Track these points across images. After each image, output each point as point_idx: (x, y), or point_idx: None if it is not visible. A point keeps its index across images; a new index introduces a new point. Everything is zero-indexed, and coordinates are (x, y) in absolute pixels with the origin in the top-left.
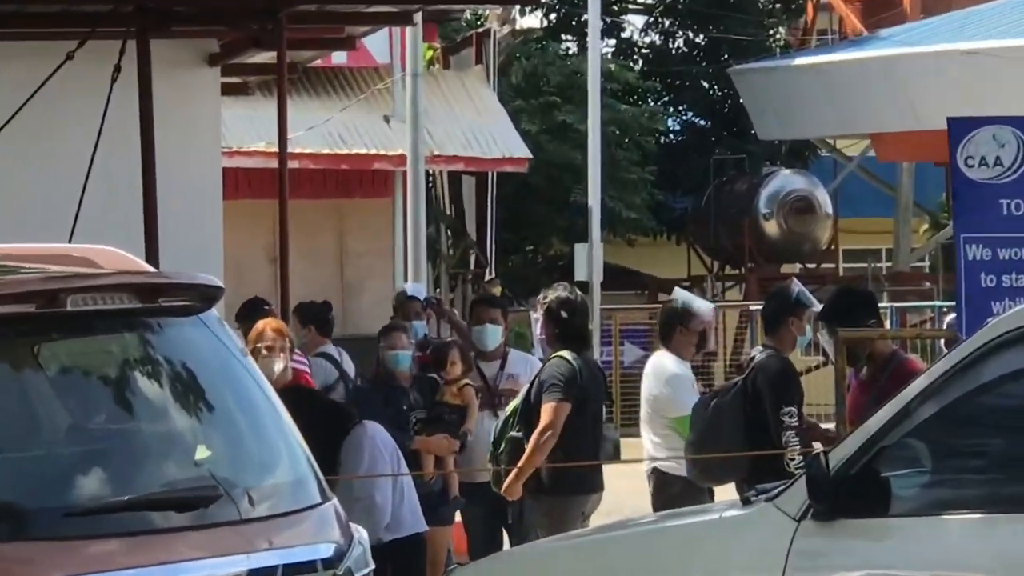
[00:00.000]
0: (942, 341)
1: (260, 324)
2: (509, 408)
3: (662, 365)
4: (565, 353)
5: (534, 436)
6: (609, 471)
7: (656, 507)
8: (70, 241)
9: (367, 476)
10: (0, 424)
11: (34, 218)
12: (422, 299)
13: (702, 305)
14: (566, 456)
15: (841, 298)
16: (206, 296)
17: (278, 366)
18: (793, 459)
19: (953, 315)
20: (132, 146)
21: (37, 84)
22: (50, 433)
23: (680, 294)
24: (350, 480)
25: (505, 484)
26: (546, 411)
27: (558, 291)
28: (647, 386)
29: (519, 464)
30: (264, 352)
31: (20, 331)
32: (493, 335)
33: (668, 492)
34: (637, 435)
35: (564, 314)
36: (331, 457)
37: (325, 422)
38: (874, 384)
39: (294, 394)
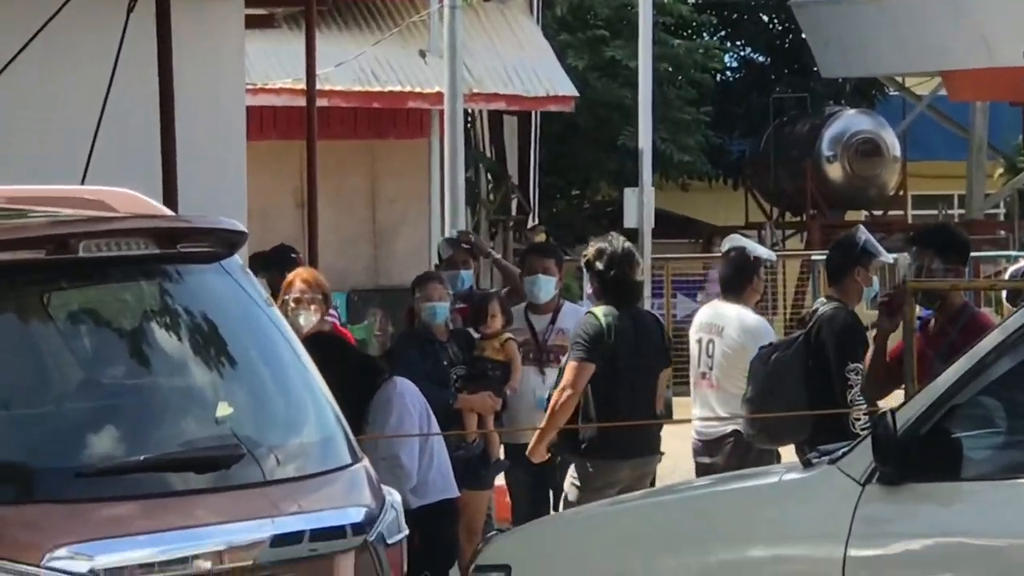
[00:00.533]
0: (1004, 293)
1: (290, 275)
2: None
3: (742, 315)
4: (597, 310)
5: (553, 396)
6: (665, 431)
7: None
8: (83, 183)
9: (395, 436)
10: (7, 378)
11: (44, 159)
12: (455, 236)
13: (764, 252)
14: (598, 418)
15: (941, 232)
16: (228, 242)
17: (308, 320)
18: (859, 419)
19: (1018, 264)
20: (149, 83)
21: (46, 17)
22: (60, 388)
23: (739, 241)
24: (375, 439)
25: (530, 446)
26: (567, 371)
27: (597, 242)
28: (729, 337)
29: (540, 425)
30: (292, 305)
31: (29, 279)
32: (546, 286)
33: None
34: (687, 394)
35: (600, 266)
36: (359, 413)
37: (354, 376)
38: (943, 338)
39: (323, 343)
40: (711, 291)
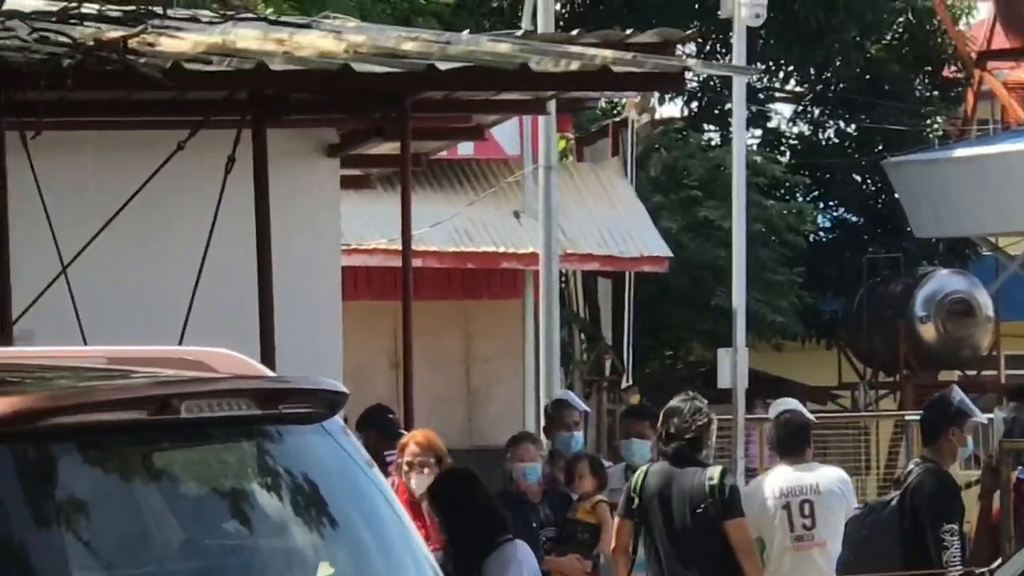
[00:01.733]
0: None
1: (405, 437)
2: None
3: (826, 471)
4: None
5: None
6: None
7: None
8: (181, 342)
9: None
10: (110, 539)
11: (144, 318)
12: (579, 409)
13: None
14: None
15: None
16: (329, 402)
17: (420, 484)
18: None
19: None
20: (247, 243)
21: (147, 175)
22: (163, 549)
23: (790, 403)
24: None
25: None
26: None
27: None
28: (829, 492)
29: None
30: (405, 468)
31: (131, 439)
32: (641, 450)
33: None
34: None
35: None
36: (473, 566)
37: (482, 523)
38: None
39: (460, 480)
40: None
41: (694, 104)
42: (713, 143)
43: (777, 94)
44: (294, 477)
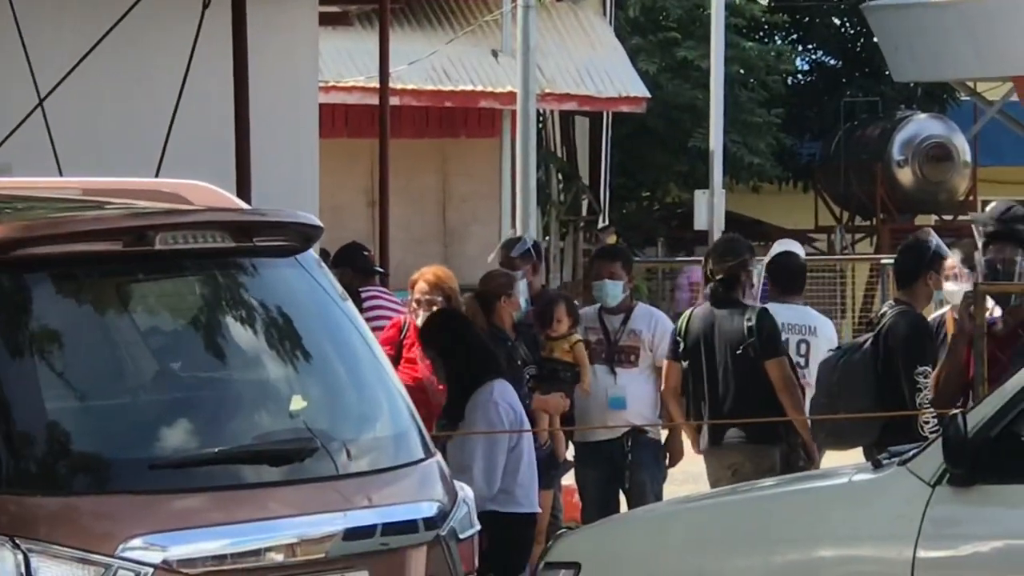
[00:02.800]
0: None
1: (416, 274)
2: None
3: (828, 324)
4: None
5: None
6: None
7: None
8: (157, 176)
9: (464, 433)
10: (83, 370)
11: (120, 152)
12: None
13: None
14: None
15: (1008, 234)
16: (304, 236)
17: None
18: (928, 422)
19: None
20: (224, 78)
21: (126, 8)
22: (136, 380)
23: (790, 244)
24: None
25: None
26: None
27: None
28: (826, 339)
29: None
30: (413, 305)
31: (105, 270)
32: (613, 291)
33: None
34: None
35: None
36: (461, 405)
37: (472, 366)
38: (1014, 341)
39: (454, 323)
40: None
41: None
42: None
43: None
44: (268, 310)
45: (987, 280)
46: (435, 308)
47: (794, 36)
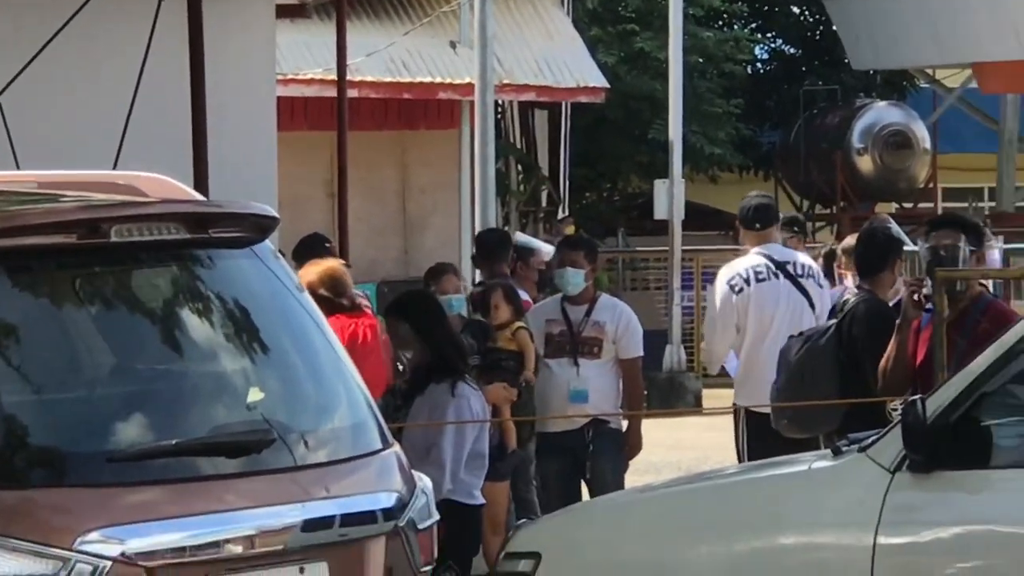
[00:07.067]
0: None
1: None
2: None
3: None
4: None
5: None
6: (693, 423)
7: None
8: (114, 169)
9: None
10: (39, 363)
11: (77, 146)
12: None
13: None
14: None
15: (950, 221)
16: (260, 227)
17: None
18: (895, 409)
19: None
20: (180, 72)
21: (79, 4)
22: (92, 372)
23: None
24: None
25: None
26: None
27: None
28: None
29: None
30: None
31: (60, 263)
32: (575, 279)
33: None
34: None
35: None
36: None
37: (445, 353)
38: (961, 327)
39: (433, 305)
40: None
41: None
42: None
43: None
44: (224, 301)
45: (931, 266)
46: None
47: (753, 25)
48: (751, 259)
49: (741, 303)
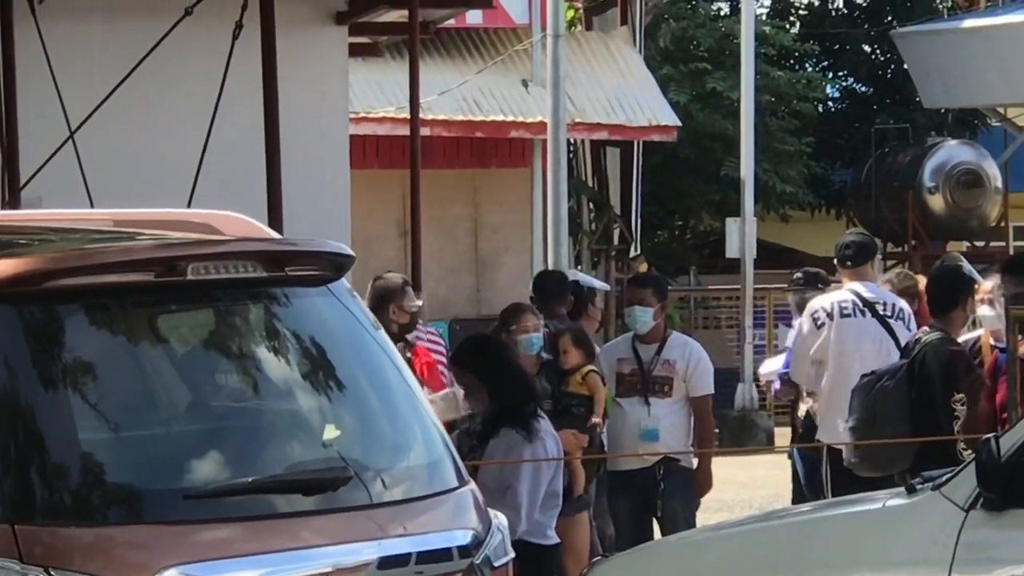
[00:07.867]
0: None
1: None
2: None
3: None
4: None
5: None
6: (765, 460)
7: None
8: (189, 207)
9: (481, 463)
10: (117, 400)
11: (151, 183)
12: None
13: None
14: None
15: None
16: (335, 265)
17: None
18: (967, 449)
19: None
20: (254, 110)
21: (155, 41)
22: (169, 410)
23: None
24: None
25: None
26: None
27: None
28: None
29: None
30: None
31: (137, 301)
32: (643, 317)
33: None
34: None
35: None
36: (489, 435)
37: (514, 393)
38: None
39: (490, 347)
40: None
41: None
42: (722, 13)
43: None
44: (300, 339)
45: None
46: None
47: (824, 64)
48: (840, 294)
49: (821, 336)
